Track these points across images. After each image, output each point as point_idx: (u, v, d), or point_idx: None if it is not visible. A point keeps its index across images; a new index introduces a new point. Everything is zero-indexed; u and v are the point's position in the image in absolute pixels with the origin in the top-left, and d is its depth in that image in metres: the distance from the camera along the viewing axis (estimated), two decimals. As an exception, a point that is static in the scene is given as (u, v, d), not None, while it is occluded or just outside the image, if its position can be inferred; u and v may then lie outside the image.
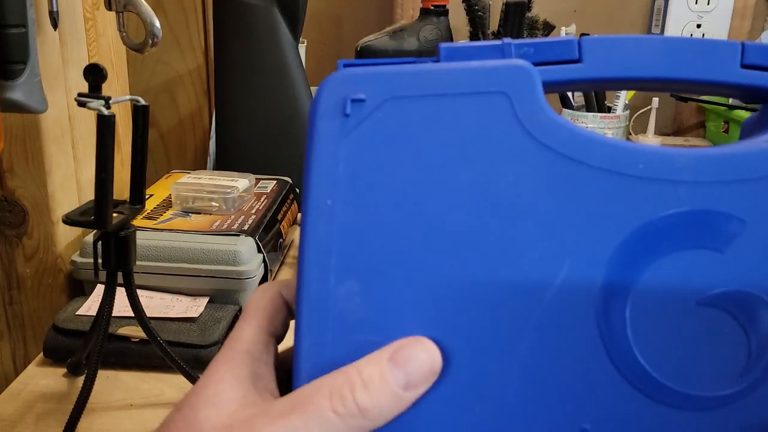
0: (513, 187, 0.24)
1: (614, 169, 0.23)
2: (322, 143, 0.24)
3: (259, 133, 0.89)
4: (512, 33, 0.97)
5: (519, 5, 0.96)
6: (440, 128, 0.24)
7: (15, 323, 0.64)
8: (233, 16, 0.86)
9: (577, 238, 0.23)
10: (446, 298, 0.24)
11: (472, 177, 0.24)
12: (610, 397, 0.24)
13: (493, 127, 0.24)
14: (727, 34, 1.07)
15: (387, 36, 1.01)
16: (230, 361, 0.26)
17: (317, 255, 0.24)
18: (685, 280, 0.23)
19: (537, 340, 0.23)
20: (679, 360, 0.23)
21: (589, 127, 0.97)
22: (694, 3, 1.05)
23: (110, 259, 0.48)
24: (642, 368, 0.24)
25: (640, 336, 0.24)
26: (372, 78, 0.24)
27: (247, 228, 0.65)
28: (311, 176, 0.24)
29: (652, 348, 0.24)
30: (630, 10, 1.14)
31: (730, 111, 1.01)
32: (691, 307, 0.23)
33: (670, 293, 0.23)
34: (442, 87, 0.24)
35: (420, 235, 0.24)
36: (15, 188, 0.61)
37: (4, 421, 0.48)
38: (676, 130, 1.19)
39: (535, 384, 0.24)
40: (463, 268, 0.24)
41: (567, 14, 1.13)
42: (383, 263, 0.24)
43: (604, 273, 0.23)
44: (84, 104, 0.44)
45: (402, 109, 0.24)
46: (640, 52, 0.25)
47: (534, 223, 0.23)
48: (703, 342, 0.23)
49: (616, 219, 0.23)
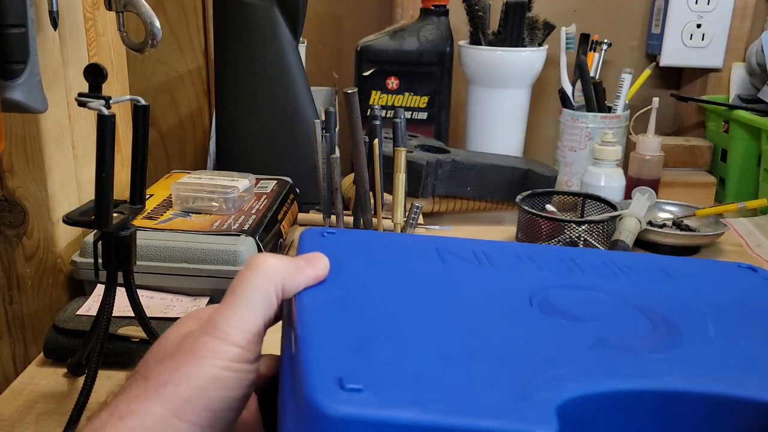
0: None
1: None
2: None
3: (259, 133, 0.89)
4: (512, 33, 0.97)
5: (519, 5, 0.96)
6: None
7: (15, 323, 0.64)
8: (233, 16, 0.86)
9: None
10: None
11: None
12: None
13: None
14: (727, 34, 1.07)
15: (387, 36, 1.01)
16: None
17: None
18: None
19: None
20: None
21: (590, 127, 0.97)
22: (694, 3, 1.05)
23: (110, 259, 0.48)
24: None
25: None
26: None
27: (247, 228, 0.65)
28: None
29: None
30: (630, 10, 1.14)
31: (730, 111, 1.01)
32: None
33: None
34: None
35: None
36: (15, 188, 0.61)
37: (4, 421, 0.48)
38: (676, 130, 1.19)
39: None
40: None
41: (567, 14, 1.13)
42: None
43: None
44: (84, 104, 0.44)
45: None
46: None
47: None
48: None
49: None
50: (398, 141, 0.73)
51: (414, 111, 1.02)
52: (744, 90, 1.07)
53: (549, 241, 0.77)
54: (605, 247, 0.76)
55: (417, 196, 0.82)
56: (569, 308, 0.35)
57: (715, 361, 0.32)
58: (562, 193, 0.87)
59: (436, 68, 1.00)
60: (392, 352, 0.29)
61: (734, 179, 1.01)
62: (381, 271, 0.37)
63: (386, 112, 1.01)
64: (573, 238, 0.76)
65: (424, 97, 1.01)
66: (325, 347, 0.29)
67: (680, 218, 0.87)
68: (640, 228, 0.77)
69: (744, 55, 1.08)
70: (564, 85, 1.01)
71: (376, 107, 0.72)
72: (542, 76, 1.03)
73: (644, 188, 0.87)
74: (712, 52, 1.08)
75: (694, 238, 0.80)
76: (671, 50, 1.08)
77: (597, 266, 0.42)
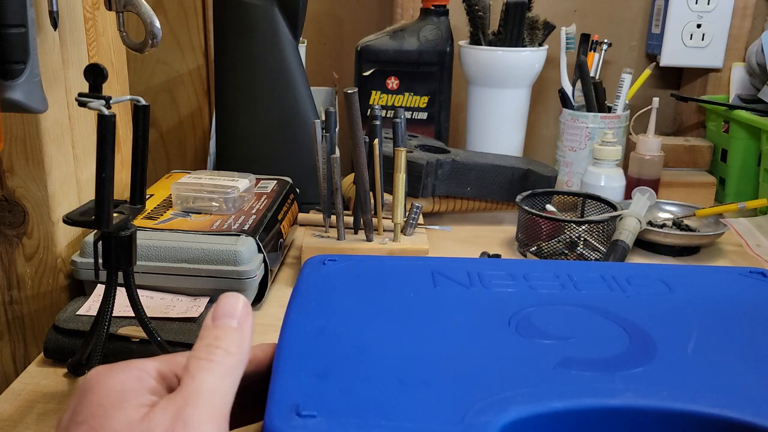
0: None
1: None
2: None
3: (259, 133, 0.89)
4: (512, 33, 0.97)
5: (519, 5, 0.96)
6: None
7: (15, 323, 0.64)
8: (233, 16, 0.86)
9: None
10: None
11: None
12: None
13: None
14: (727, 34, 1.07)
15: (387, 36, 1.01)
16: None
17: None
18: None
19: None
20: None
21: (590, 127, 0.97)
22: (694, 3, 1.05)
23: (110, 259, 0.48)
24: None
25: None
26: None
27: (247, 228, 0.65)
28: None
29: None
30: (630, 10, 1.14)
31: (730, 111, 1.01)
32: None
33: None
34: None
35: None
36: (15, 188, 0.61)
37: (4, 421, 0.48)
38: (676, 130, 1.19)
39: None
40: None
41: (567, 14, 1.13)
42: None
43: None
44: (84, 104, 0.44)
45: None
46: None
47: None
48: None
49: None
50: (398, 141, 0.73)
51: (414, 111, 1.02)
52: (744, 90, 1.07)
53: (549, 241, 0.77)
54: (605, 247, 0.76)
55: (417, 196, 0.82)
56: (547, 327, 0.37)
57: (681, 377, 0.32)
58: (562, 193, 0.87)
59: (436, 68, 1.00)
60: (351, 379, 0.31)
61: (734, 179, 1.01)
62: (370, 298, 0.39)
63: (386, 112, 1.01)
64: (573, 238, 0.76)
65: (424, 97, 1.01)
66: (291, 375, 0.31)
67: (680, 218, 0.87)
68: (640, 228, 0.77)
69: (744, 55, 1.08)
70: (564, 85, 1.01)
71: (376, 107, 0.72)
72: (542, 76, 1.03)
73: (644, 188, 0.87)
74: (712, 52, 1.08)
75: (694, 238, 0.80)
76: (671, 50, 1.08)
77: (593, 281, 0.42)
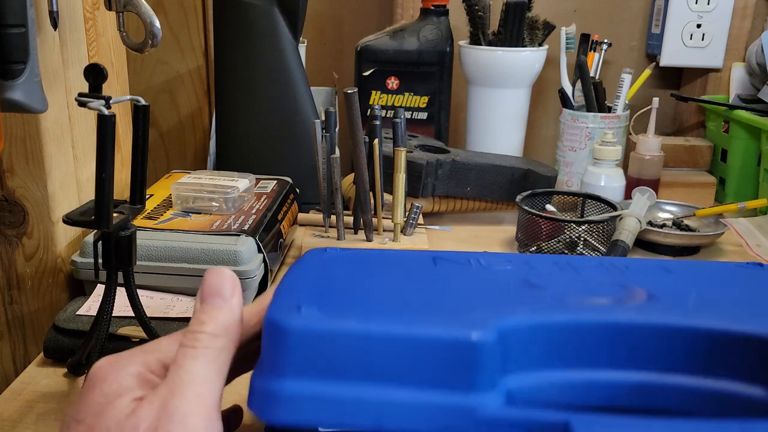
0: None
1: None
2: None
3: (259, 133, 0.89)
4: (512, 33, 0.97)
5: (519, 5, 0.96)
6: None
7: (15, 323, 0.64)
8: (233, 16, 0.86)
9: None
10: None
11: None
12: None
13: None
14: (727, 34, 1.07)
15: (387, 36, 1.01)
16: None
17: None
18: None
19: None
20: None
21: (590, 127, 0.97)
22: (694, 3, 1.05)
23: (110, 259, 0.48)
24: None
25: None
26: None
27: (247, 228, 0.65)
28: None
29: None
30: (630, 10, 1.14)
31: (730, 111, 1.01)
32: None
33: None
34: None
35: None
36: (15, 188, 0.61)
37: (4, 421, 0.48)
38: (676, 130, 1.19)
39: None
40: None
41: (567, 14, 1.13)
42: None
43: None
44: (84, 104, 0.44)
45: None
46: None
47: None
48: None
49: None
50: (398, 141, 0.73)
51: (414, 111, 1.02)
52: (744, 90, 1.07)
53: (549, 241, 0.77)
54: (605, 247, 0.76)
55: (417, 196, 0.82)
56: (548, 285, 0.38)
57: (678, 305, 0.34)
58: (562, 193, 0.87)
59: (436, 68, 1.00)
60: (350, 296, 0.34)
61: (734, 179, 1.01)
62: (370, 272, 0.40)
63: (386, 112, 1.01)
64: (573, 238, 0.76)
65: (424, 97, 1.01)
66: (293, 289, 0.34)
67: (680, 218, 0.87)
68: (640, 228, 0.77)
69: (744, 55, 1.08)
70: (564, 85, 1.01)
71: (376, 107, 0.72)
72: (542, 76, 1.03)
73: (644, 188, 0.87)
74: (712, 52, 1.08)
75: (694, 238, 0.80)
76: (671, 50, 1.08)
77: (593, 266, 0.43)
